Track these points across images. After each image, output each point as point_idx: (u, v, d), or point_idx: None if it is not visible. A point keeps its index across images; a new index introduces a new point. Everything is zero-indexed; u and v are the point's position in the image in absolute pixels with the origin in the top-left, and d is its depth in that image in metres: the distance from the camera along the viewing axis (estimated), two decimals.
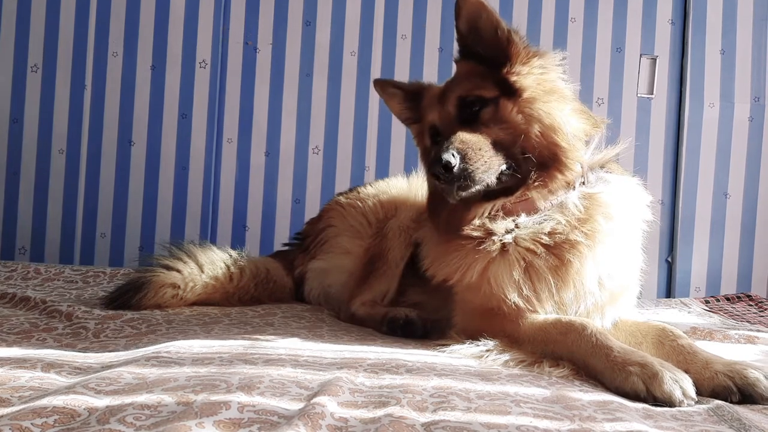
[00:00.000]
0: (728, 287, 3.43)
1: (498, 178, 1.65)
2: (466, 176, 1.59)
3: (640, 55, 3.48)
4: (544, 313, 1.64)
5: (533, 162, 1.64)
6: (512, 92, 1.67)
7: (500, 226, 1.68)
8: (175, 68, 3.48)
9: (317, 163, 3.52)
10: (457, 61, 1.83)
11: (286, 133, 3.52)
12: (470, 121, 1.68)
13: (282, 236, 3.32)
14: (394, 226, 2.22)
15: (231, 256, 2.33)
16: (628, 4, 3.47)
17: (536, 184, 1.65)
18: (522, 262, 1.63)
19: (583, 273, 1.62)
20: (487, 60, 1.73)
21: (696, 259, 3.45)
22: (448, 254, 1.75)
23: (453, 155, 1.57)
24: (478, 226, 1.69)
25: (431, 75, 3.47)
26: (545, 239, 1.63)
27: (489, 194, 1.68)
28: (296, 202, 3.53)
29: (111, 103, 3.48)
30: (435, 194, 1.86)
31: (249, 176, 3.52)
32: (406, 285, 2.15)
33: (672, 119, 3.49)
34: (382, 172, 3.42)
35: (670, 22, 3.48)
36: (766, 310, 2.75)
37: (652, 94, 3.48)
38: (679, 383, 1.27)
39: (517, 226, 1.67)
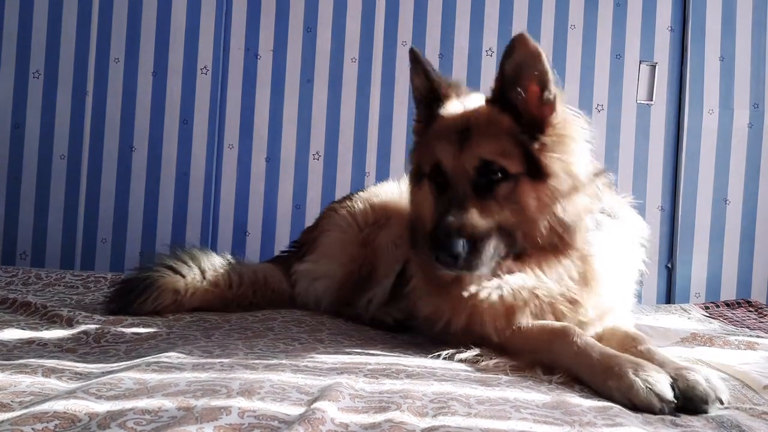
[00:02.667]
0: (728, 293, 3.43)
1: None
2: (467, 266, 1.53)
3: (640, 62, 3.49)
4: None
5: (531, 244, 1.60)
6: (537, 173, 1.56)
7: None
8: (177, 74, 3.50)
9: (318, 169, 3.53)
10: (487, 101, 1.68)
11: (287, 139, 3.53)
12: (485, 190, 1.58)
13: (283, 242, 3.32)
14: (385, 240, 2.23)
15: (230, 262, 2.34)
16: (628, 11, 3.49)
17: (531, 260, 1.62)
18: (502, 311, 1.61)
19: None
20: (517, 114, 1.60)
21: (696, 265, 3.45)
22: (433, 294, 1.73)
23: (462, 246, 1.49)
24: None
25: None
26: (526, 295, 1.61)
27: None
28: (297, 208, 3.53)
29: (112, 108, 3.50)
30: (415, 227, 1.81)
31: (250, 182, 3.53)
32: (398, 293, 2.16)
33: (671, 125, 3.49)
34: (383, 178, 3.40)
35: (669, 28, 3.49)
36: (765, 316, 2.75)
37: (651, 100, 3.49)
38: (653, 390, 1.27)
39: (503, 281, 1.63)
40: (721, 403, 1.29)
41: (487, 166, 1.58)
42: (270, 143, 3.53)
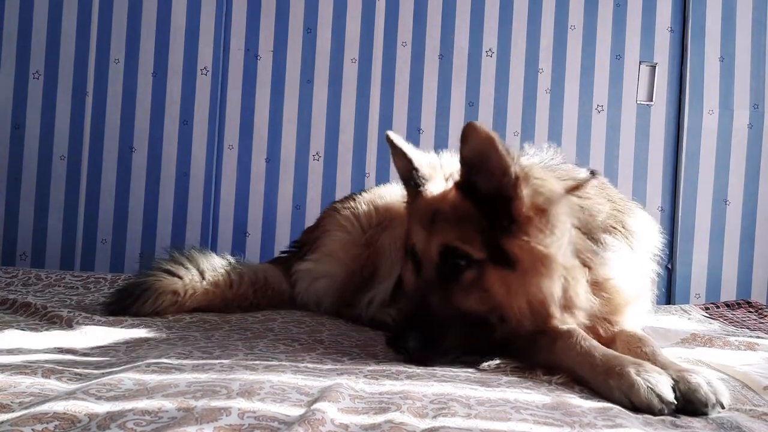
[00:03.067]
0: (728, 294, 3.43)
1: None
2: (420, 360, 1.53)
3: (640, 63, 3.49)
4: None
5: (515, 327, 1.55)
6: (503, 260, 1.51)
7: None
8: (177, 75, 3.50)
9: (318, 170, 3.53)
10: (455, 185, 1.64)
11: (287, 140, 3.53)
12: (450, 276, 1.56)
13: (283, 242, 3.32)
14: (388, 241, 2.24)
15: (230, 262, 2.34)
16: (628, 12, 3.49)
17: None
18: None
19: None
20: (483, 199, 1.55)
21: (696, 265, 3.45)
22: None
23: (416, 343, 1.51)
24: None
25: (431, 82, 3.49)
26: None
27: None
28: (297, 209, 3.53)
29: (112, 109, 3.50)
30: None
31: (250, 182, 3.53)
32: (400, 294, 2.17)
33: (671, 126, 3.50)
34: (383, 179, 3.42)
35: (669, 29, 3.49)
36: (766, 316, 2.75)
37: (651, 101, 3.49)
38: (654, 390, 1.27)
39: None
40: (722, 407, 1.29)
41: (450, 252, 1.56)
42: (270, 143, 3.53)
